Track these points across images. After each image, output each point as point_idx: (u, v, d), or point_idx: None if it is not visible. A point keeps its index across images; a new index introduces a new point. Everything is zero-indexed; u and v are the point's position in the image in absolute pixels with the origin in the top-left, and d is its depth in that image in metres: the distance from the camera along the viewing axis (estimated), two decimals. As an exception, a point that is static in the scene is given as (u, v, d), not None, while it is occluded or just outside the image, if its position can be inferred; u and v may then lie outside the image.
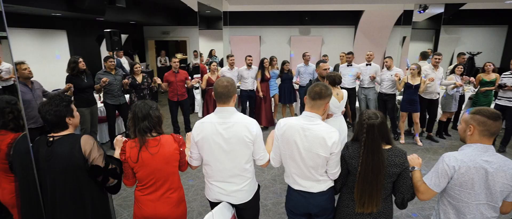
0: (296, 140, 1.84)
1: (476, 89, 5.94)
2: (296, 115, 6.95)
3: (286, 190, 2.08)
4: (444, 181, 1.65)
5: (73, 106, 1.85)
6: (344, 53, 6.31)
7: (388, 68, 5.45)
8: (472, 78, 5.88)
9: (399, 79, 5.28)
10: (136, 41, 10.70)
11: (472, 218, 1.62)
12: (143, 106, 1.84)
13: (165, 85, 5.28)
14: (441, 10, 6.28)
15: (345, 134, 3.42)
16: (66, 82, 4.31)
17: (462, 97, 5.96)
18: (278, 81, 6.44)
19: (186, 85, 5.38)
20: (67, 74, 4.38)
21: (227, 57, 5.95)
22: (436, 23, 7.03)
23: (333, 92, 3.23)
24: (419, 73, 5.10)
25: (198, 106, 7.34)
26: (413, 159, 1.86)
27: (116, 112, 5.10)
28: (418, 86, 5.06)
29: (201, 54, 7.48)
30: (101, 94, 5.41)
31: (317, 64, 3.50)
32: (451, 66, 6.06)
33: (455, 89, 5.54)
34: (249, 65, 5.88)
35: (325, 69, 3.46)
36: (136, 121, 1.83)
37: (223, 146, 1.88)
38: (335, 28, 9.86)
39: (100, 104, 5.27)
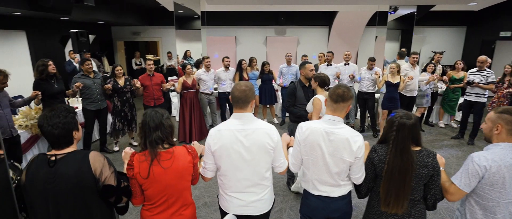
0: (320, 145, 1.77)
1: (445, 86, 6.31)
2: (276, 115, 6.93)
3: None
4: (474, 181, 1.64)
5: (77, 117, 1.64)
6: (322, 53, 6.38)
7: (371, 68, 5.60)
8: (444, 77, 6.23)
9: (379, 77, 5.44)
10: (104, 42, 10.09)
11: (502, 217, 1.63)
12: (155, 115, 1.66)
13: (141, 90, 5.00)
14: (408, 11, 6.60)
15: None
16: (34, 87, 3.88)
17: (434, 94, 6.29)
18: (258, 82, 6.37)
19: (162, 88, 5.13)
20: (35, 79, 3.97)
21: (203, 59, 5.77)
22: (402, 24, 7.35)
23: (322, 94, 3.20)
24: (398, 71, 5.28)
25: (175, 110, 7.06)
26: (438, 158, 1.83)
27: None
28: (398, 84, 5.24)
29: (177, 55, 7.19)
30: (80, 100, 5.02)
31: (302, 65, 3.42)
32: (423, 65, 6.38)
33: (428, 86, 5.82)
34: (226, 67, 5.74)
35: (311, 70, 3.42)
36: (147, 131, 1.63)
37: (244, 154, 1.76)
38: (310, 29, 10.00)
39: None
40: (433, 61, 6.05)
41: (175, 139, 5.49)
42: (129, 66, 10.46)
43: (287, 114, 6.60)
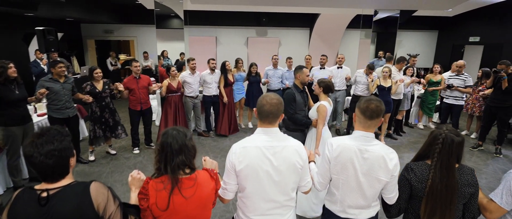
0: (354, 163, 1.63)
1: (424, 89, 6.52)
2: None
3: None
4: None
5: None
6: (309, 56, 6.33)
7: (367, 74, 5.60)
8: (423, 80, 6.43)
9: (372, 81, 5.46)
10: (72, 40, 9.37)
11: None
12: (178, 135, 1.42)
13: (126, 93, 4.62)
14: (390, 15, 6.76)
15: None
16: (-11, 94, 3.35)
17: (412, 96, 6.47)
18: (245, 84, 6.19)
19: (149, 91, 4.80)
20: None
21: (188, 61, 5.49)
22: (378, 27, 7.51)
23: (326, 100, 3.09)
24: (390, 75, 5.32)
25: (156, 114, 6.67)
26: None
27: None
28: (390, 88, 5.29)
29: (160, 57, 6.78)
30: (44, 105, 4.51)
31: (299, 69, 3.26)
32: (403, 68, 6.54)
33: (408, 89, 5.96)
34: (212, 69, 5.51)
35: (308, 75, 3.31)
36: (169, 155, 1.39)
37: (272, 174, 1.57)
38: (291, 30, 9.97)
39: (38, 118, 4.37)
40: (408, 65, 6.23)
41: (154, 145, 5.23)
42: (102, 66, 9.77)
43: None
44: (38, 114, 4.56)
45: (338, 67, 5.89)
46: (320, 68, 5.95)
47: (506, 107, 5.05)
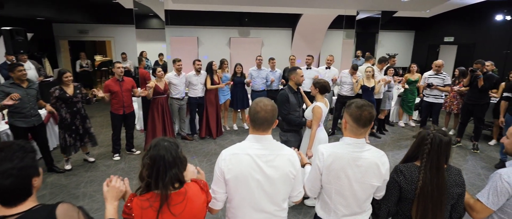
0: (347, 173, 1.57)
1: (404, 88, 6.68)
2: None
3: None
4: (503, 199, 1.59)
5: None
6: (293, 56, 6.31)
7: (352, 74, 5.65)
8: (402, 79, 6.59)
9: (356, 81, 5.51)
10: (44, 41, 8.84)
11: None
12: (170, 147, 1.29)
13: (107, 96, 4.37)
14: (372, 16, 6.89)
15: (326, 141, 3.30)
16: None
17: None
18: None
19: (133, 94, 4.58)
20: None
21: (174, 62, 5.31)
22: (358, 27, 7.64)
23: (322, 101, 3.07)
24: (373, 75, 5.39)
25: (137, 118, 6.40)
26: None
27: (29, 136, 3.93)
28: (373, 88, 5.35)
29: (142, 59, 6.50)
30: (5, 113, 4.17)
31: (293, 70, 3.22)
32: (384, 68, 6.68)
33: (387, 87, 6.08)
34: (197, 71, 5.37)
35: (302, 76, 3.26)
36: (162, 169, 1.25)
37: (264, 183, 1.49)
38: (274, 30, 9.94)
39: (3, 127, 4.06)
40: (388, 65, 6.38)
41: (137, 152, 5.01)
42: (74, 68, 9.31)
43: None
44: (6, 121, 4.22)
45: (326, 68, 5.91)
46: (307, 69, 5.94)
47: (481, 105, 5.26)
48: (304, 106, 3.45)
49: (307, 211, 3.42)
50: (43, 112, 4.60)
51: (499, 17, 7.45)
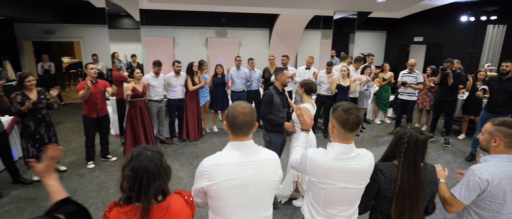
0: (335, 180, 1.53)
1: (378, 86, 6.90)
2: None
3: None
4: (474, 194, 1.64)
5: None
6: (273, 56, 6.30)
7: (329, 72, 5.71)
8: (377, 78, 6.79)
9: (331, 81, 5.59)
10: (4, 42, 8.20)
11: None
12: (154, 156, 1.19)
13: (83, 93, 4.09)
14: (342, 16, 7.04)
15: (315, 143, 3.30)
16: None
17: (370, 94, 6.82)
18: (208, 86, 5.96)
19: (107, 93, 4.35)
20: None
21: (154, 64, 5.13)
22: (335, 27, 7.79)
23: (309, 101, 3.06)
24: (348, 75, 5.50)
25: (111, 123, 6.09)
26: (439, 171, 1.82)
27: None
28: (349, 87, 5.46)
29: (114, 60, 6.18)
30: None
31: (279, 71, 3.18)
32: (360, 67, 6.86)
33: (365, 87, 6.25)
34: (177, 72, 5.23)
35: (288, 77, 3.27)
36: (146, 181, 1.15)
37: (247, 192, 1.43)
38: (251, 31, 9.90)
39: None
40: (366, 64, 6.57)
41: (114, 158, 4.76)
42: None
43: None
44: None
45: (306, 68, 5.95)
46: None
47: (451, 101, 5.54)
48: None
49: (293, 212, 3.41)
50: (5, 119, 4.25)
51: (464, 18, 7.91)
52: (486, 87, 4.79)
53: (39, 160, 3.88)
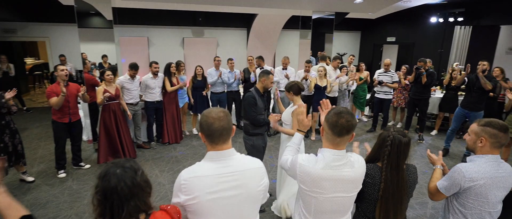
0: (325, 189, 1.47)
1: (359, 84, 7.06)
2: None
3: None
4: (454, 189, 1.72)
5: None
6: (252, 56, 6.24)
7: (307, 71, 5.73)
8: (356, 77, 6.94)
9: (307, 79, 5.62)
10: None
11: None
12: (124, 174, 1.04)
13: (56, 100, 3.78)
14: (318, 16, 7.14)
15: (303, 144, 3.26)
16: None
17: (349, 92, 6.96)
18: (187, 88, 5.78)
19: (80, 94, 4.06)
20: None
21: (131, 68, 4.88)
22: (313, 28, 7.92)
23: (299, 102, 3.02)
24: (325, 75, 5.55)
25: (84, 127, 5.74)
26: (437, 158, 1.95)
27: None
28: (326, 87, 5.51)
29: (86, 61, 5.81)
30: None
31: (265, 74, 3.07)
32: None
33: (346, 86, 6.37)
34: (155, 74, 5.02)
35: (272, 82, 3.23)
36: (117, 204, 1.01)
37: (229, 206, 1.33)
38: (229, 30, 9.77)
39: None
40: (342, 64, 6.70)
41: (87, 166, 4.46)
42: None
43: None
44: None
45: (283, 69, 5.94)
46: (260, 69, 5.97)
47: (425, 99, 5.77)
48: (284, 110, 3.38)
49: None
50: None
51: (433, 20, 8.29)
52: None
53: (3, 170, 3.58)
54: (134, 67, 4.80)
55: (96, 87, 4.90)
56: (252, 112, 2.99)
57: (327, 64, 6.34)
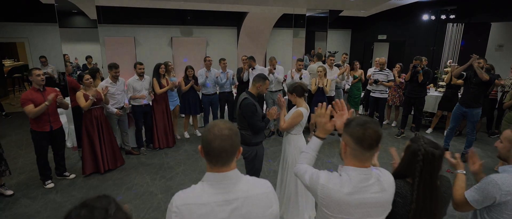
0: (353, 213, 1.28)
1: (354, 82, 6.97)
2: (199, 127, 6.17)
3: None
4: (487, 202, 1.55)
5: None
6: (245, 56, 6.04)
7: (299, 70, 5.58)
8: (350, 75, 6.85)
9: (301, 78, 5.47)
10: None
11: None
12: (87, 216, 0.81)
13: (38, 109, 3.47)
14: (311, 14, 7.02)
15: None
16: None
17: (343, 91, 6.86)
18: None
19: (59, 104, 3.76)
20: None
21: (110, 67, 4.59)
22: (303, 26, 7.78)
23: (303, 104, 2.89)
24: (325, 74, 5.39)
25: (67, 134, 5.41)
26: (457, 162, 1.77)
27: None
28: (323, 88, 5.35)
29: (67, 63, 5.45)
30: None
31: (261, 79, 2.89)
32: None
33: (341, 79, 6.25)
34: (140, 75, 4.74)
35: (267, 88, 3.07)
36: None
37: None
38: (218, 29, 9.52)
39: None
40: (339, 62, 6.60)
41: (72, 175, 4.15)
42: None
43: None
44: None
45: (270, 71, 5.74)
46: (252, 69, 5.80)
47: (421, 98, 5.72)
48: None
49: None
50: None
51: (425, 17, 8.29)
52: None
53: None
54: (113, 67, 4.51)
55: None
56: (257, 121, 2.81)
57: (323, 63, 6.21)
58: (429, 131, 6.31)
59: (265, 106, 6.02)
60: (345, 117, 1.54)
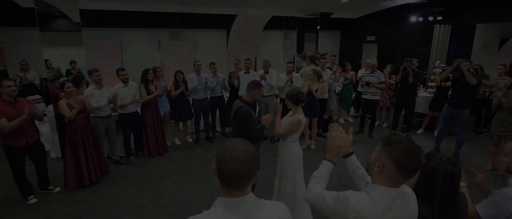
0: None
1: (341, 86, 6.96)
2: (189, 133, 6.00)
3: None
4: (502, 217, 1.50)
5: None
6: (238, 60, 5.93)
7: (289, 72, 5.51)
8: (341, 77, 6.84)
9: (291, 81, 5.40)
10: None
11: None
12: None
13: (13, 123, 3.23)
14: (302, 16, 7.00)
15: (301, 158, 3.01)
16: None
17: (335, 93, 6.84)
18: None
19: (34, 116, 3.50)
20: None
21: (90, 73, 4.39)
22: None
23: (299, 112, 2.83)
24: (318, 78, 5.31)
25: (50, 143, 5.15)
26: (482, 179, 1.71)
27: None
28: (316, 90, 5.27)
29: (53, 67, 5.20)
30: None
31: (256, 86, 2.82)
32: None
33: (333, 80, 6.21)
34: (125, 82, 4.55)
35: (262, 96, 2.99)
36: None
37: None
38: (208, 32, 9.36)
39: None
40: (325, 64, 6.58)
41: (57, 189, 3.92)
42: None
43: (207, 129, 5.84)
44: None
45: (265, 72, 5.64)
46: (245, 73, 5.62)
47: (412, 99, 5.75)
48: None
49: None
50: None
51: (413, 19, 8.38)
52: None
53: None
54: (92, 71, 4.32)
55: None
56: (255, 129, 2.71)
57: (315, 65, 6.16)
58: (419, 131, 6.36)
59: (258, 109, 5.92)
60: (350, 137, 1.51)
